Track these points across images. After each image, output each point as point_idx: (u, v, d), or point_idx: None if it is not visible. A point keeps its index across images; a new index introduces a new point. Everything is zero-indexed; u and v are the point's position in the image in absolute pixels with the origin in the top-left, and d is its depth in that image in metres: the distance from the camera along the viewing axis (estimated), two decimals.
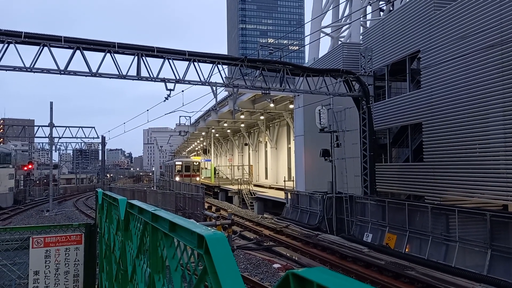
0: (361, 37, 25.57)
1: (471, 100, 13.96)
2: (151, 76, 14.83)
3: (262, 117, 37.15)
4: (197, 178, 44.84)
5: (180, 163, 46.88)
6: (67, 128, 34.64)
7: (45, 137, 33.61)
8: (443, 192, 15.30)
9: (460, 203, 14.56)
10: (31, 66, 13.49)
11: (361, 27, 30.12)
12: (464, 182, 14.35)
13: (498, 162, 13.06)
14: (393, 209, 15.47)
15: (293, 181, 28.86)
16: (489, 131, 13.34)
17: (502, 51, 12.68)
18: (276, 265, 13.07)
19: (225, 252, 1.24)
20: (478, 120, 13.72)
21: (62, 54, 14.55)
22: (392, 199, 16.92)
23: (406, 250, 14.09)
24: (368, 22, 31.46)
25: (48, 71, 13.81)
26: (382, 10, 30.17)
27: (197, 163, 48.51)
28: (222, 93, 30.77)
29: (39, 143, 46.71)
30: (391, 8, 27.37)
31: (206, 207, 22.65)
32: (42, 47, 13.50)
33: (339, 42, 30.71)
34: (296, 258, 14.77)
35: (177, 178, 43.19)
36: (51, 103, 31.10)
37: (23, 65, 13.19)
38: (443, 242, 12.72)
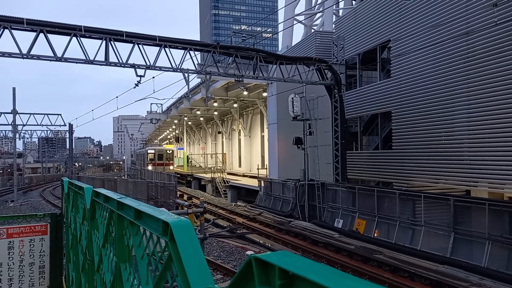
0: (333, 25, 25.73)
1: (438, 89, 14.40)
2: (120, 61, 14.39)
3: (235, 105, 36.95)
4: (171, 167, 44.22)
5: (153, 151, 46.01)
6: (32, 115, 33.33)
7: (8, 124, 32.21)
8: (411, 179, 15.83)
9: (426, 189, 15.12)
10: None
11: (334, 16, 30.29)
12: (430, 168, 14.88)
13: (462, 150, 13.60)
14: (363, 195, 15.87)
15: (266, 169, 29.03)
16: (454, 119, 13.84)
17: (468, 41, 13.10)
18: (249, 252, 13.17)
19: (190, 239, 1.21)
20: (444, 109, 14.19)
21: (25, 37, 13.85)
22: (362, 185, 17.34)
23: (375, 234, 14.53)
24: (340, 11, 31.66)
25: (10, 54, 13.11)
26: None
27: (171, 151, 47.73)
28: (195, 80, 30.39)
29: (1, 131, 44.69)
30: None
31: (178, 195, 22.44)
32: (2, 30, 12.79)
33: (312, 30, 30.82)
34: (269, 245, 14.95)
35: (150, 167, 42.46)
36: (14, 89, 29.77)
37: None
38: (410, 227, 13.20)
